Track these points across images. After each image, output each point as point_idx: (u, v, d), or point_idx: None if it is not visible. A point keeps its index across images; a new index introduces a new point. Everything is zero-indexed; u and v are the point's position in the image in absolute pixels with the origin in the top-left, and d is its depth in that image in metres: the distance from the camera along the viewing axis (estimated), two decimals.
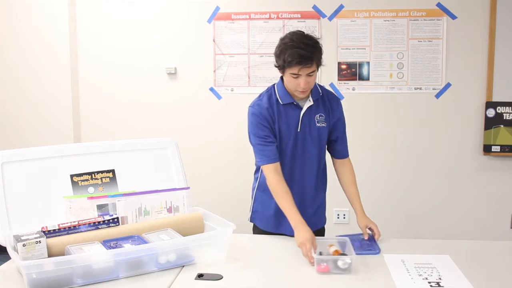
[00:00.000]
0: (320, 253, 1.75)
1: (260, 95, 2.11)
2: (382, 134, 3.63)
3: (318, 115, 2.08)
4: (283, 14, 3.60)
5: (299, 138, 2.07)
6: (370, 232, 2.05)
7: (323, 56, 1.98)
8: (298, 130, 2.06)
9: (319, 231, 2.22)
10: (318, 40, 1.96)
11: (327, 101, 2.12)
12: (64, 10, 3.67)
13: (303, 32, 1.96)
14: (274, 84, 2.11)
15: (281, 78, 2.07)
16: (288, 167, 2.09)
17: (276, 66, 2.00)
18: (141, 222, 1.87)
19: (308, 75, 1.92)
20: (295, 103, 2.05)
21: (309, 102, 2.06)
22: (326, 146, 2.19)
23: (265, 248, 1.99)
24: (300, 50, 1.87)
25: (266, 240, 2.09)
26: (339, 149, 2.19)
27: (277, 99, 2.06)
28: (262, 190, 2.18)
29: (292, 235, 2.07)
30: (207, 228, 1.94)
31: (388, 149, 3.64)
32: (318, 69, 1.97)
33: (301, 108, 2.06)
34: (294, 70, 1.90)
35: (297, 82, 1.94)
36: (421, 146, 3.62)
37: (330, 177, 2.26)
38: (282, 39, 1.97)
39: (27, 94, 3.75)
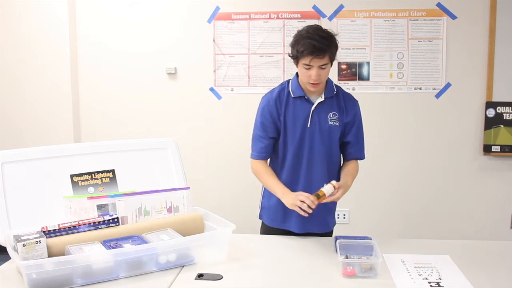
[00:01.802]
0: (346, 256, 1.73)
1: (273, 89, 2.14)
2: (382, 134, 3.63)
3: (331, 114, 2.08)
4: (283, 14, 3.60)
5: (307, 134, 2.07)
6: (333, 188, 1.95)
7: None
8: (308, 126, 2.06)
9: (325, 235, 2.18)
10: (334, 35, 1.97)
11: (342, 101, 2.11)
12: (64, 10, 3.67)
13: (321, 27, 1.99)
14: (289, 80, 2.14)
15: (296, 74, 2.10)
16: (291, 161, 2.09)
17: (290, 57, 2.03)
18: (141, 222, 1.87)
19: (320, 67, 1.95)
20: (306, 97, 2.07)
21: (321, 99, 2.06)
22: (340, 149, 2.16)
23: (266, 248, 1.99)
24: (313, 41, 1.90)
25: (267, 240, 2.09)
26: (351, 151, 2.14)
27: (288, 92, 2.09)
28: None
29: (297, 232, 2.11)
30: (207, 228, 1.94)
31: (388, 149, 3.64)
32: (331, 64, 2.00)
33: (312, 104, 2.06)
34: (306, 60, 1.93)
35: (308, 74, 1.96)
36: (421, 146, 3.62)
37: None
38: (299, 31, 1.99)
39: (27, 94, 3.75)
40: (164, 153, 2.13)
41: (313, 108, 2.06)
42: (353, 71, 3.60)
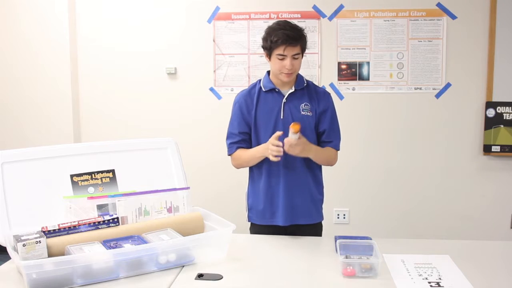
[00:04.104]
0: (346, 257, 1.73)
1: (246, 88, 2.24)
2: (381, 134, 3.63)
3: (303, 104, 2.15)
4: (283, 14, 3.60)
5: (281, 125, 2.11)
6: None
7: (323, 56, 2.02)
8: (281, 117, 2.12)
9: (314, 226, 2.23)
10: (303, 29, 2.08)
11: (314, 92, 2.18)
12: (64, 10, 3.67)
13: (289, 21, 2.10)
14: (260, 79, 2.23)
15: (267, 72, 2.19)
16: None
17: (262, 47, 2.11)
18: (141, 222, 1.87)
19: (294, 57, 2.03)
20: (277, 90, 2.14)
21: (291, 90, 2.14)
22: (317, 140, 2.20)
23: (265, 248, 1.99)
24: (286, 31, 2.01)
25: (266, 240, 2.09)
26: (327, 141, 2.19)
27: (260, 88, 2.17)
28: (252, 185, 2.23)
29: (284, 225, 2.13)
30: (207, 228, 1.94)
31: (388, 149, 3.64)
32: (302, 56, 2.09)
33: (283, 96, 2.13)
34: (280, 50, 2.02)
35: (282, 64, 2.04)
36: (421, 146, 3.62)
37: (329, 176, 2.25)
38: (269, 26, 2.10)
39: (27, 94, 3.75)
40: (164, 153, 2.13)
41: (284, 99, 2.13)
42: (353, 71, 3.60)
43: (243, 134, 2.18)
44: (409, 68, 3.57)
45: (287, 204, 2.14)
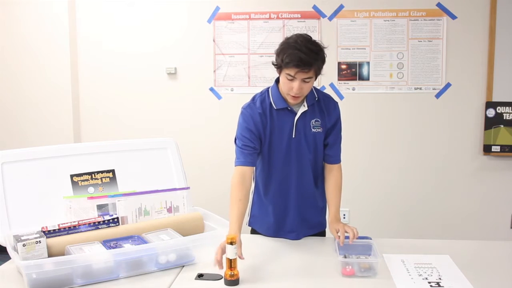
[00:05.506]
0: (345, 256, 1.73)
1: (253, 98, 2.05)
2: (382, 134, 3.63)
3: (314, 120, 2.02)
4: (283, 14, 3.60)
5: (293, 144, 2.02)
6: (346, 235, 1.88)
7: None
8: (293, 136, 2.00)
9: (319, 234, 2.21)
10: (323, 48, 1.90)
11: (323, 105, 2.05)
12: (64, 10, 3.67)
13: (311, 37, 1.90)
14: (268, 88, 2.06)
15: (276, 82, 2.03)
16: (280, 172, 2.05)
17: (273, 64, 1.93)
18: (141, 222, 1.87)
19: (304, 80, 1.86)
20: (289, 108, 1.99)
21: (304, 107, 2.00)
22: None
23: (265, 248, 1.99)
24: (301, 53, 1.80)
25: (266, 240, 2.09)
26: (329, 154, 2.09)
27: (270, 103, 2.00)
28: (258, 194, 2.15)
29: (292, 239, 2.09)
30: (207, 228, 1.95)
31: (388, 149, 3.64)
32: (316, 78, 1.92)
33: (295, 114, 2.00)
34: (291, 72, 1.84)
35: (290, 86, 1.87)
36: (421, 146, 3.62)
37: None
38: (287, 38, 1.90)
39: (27, 94, 3.75)
40: (164, 153, 2.13)
41: (296, 118, 1.99)
42: (353, 71, 3.60)
43: (256, 149, 2.00)
44: (409, 68, 3.57)
45: (298, 221, 2.08)
